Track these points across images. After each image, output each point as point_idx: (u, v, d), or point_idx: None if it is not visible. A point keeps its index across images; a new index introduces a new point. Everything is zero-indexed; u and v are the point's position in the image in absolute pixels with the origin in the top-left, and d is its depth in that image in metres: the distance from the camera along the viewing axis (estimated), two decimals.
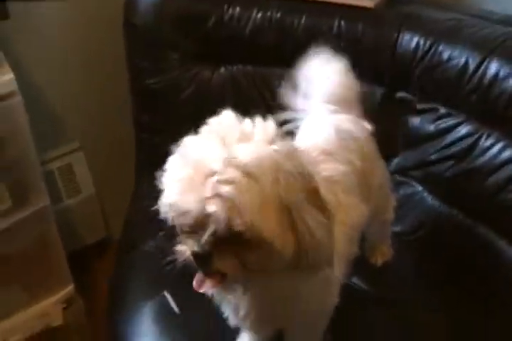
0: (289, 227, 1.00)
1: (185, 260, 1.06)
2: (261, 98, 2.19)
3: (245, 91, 2.19)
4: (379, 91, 2.03)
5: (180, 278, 1.69)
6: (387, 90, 2.02)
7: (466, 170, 1.85)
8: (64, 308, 2.07)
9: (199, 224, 0.99)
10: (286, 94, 1.61)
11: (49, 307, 2.05)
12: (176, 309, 1.66)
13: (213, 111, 2.14)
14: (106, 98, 2.52)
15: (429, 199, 1.95)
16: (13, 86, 1.77)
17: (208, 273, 1.07)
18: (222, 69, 2.20)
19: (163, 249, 1.78)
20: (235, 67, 2.20)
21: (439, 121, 1.91)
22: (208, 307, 1.60)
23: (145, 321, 1.67)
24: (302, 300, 1.22)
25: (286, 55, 2.06)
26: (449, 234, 1.89)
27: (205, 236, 0.99)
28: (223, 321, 1.54)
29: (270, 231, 0.97)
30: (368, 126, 1.61)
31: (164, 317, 1.67)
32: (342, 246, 1.27)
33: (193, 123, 2.15)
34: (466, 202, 1.86)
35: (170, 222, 1.05)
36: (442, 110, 1.91)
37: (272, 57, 2.14)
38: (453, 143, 1.88)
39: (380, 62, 2.00)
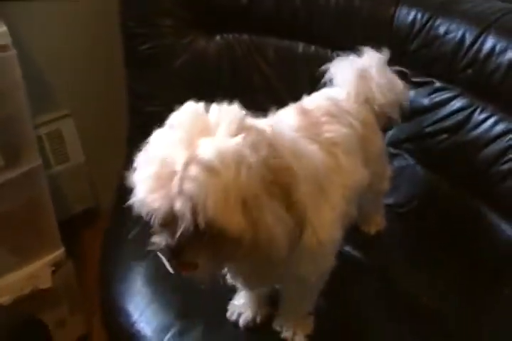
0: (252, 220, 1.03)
1: (160, 250, 1.10)
2: (256, 67, 2.22)
3: (240, 60, 2.22)
4: None
5: None
6: None
7: (459, 143, 1.88)
8: (53, 271, 2.08)
9: (168, 220, 1.03)
10: None
11: (38, 269, 2.05)
12: (169, 268, 1.68)
13: (208, 80, 2.19)
14: (98, 64, 2.53)
15: (422, 172, 1.99)
16: (7, 39, 1.77)
17: (181, 263, 1.12)
18: (218, 38, 2.23)
19: None
20: (230, 36, 2.23)
21: (434, 95, 1.94)
22: None
23: (137, 281, 1.70)
24: (291, 264, 1.25)
25: (282, 25, 2.15)
26: (440, 206, 1.93)
27: (177, 234, 1.03)
28: (216, 282, 1.60)
29: (234, 227, 1.01)
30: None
31: (156, 278, 1.70)
32: (339, 205, 1.32)
33: (187, 91, 2.20)
34: (458, 176, 1.90)
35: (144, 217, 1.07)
36: (437, 84, 1.94)
37: (268, 27, 2.18)
38: (447, 116, 1.91)
39: (377, 35, 2.03)
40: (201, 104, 1.12)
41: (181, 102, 2.18)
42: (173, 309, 1.62)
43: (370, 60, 1.71)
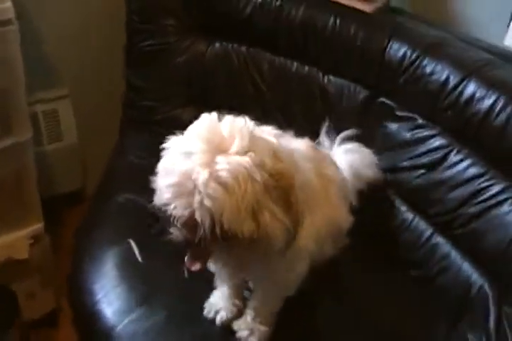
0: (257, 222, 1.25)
1: (178, 242, 1.30)
2: (250, 79, 2.35)
3: (236, 70, 2.36)
4: (363, 93, 2.21)
5: (146, 230, 1.88)
6: (371, 93, 2.20)
7: (434, 180, 2.00)
8: (31, 244, 2.17)
9: (188, 223, 1.24)
10: None
11: (16, 240, 2.15)
12: (138, 257, 1.81)
13: (202, 83, 2.32)
14: (102, 50, 2.66)
15: (397, 202, 2.11)
16: (10, 14, 1.85)
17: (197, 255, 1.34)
18: (217, 45, 2.38)
19: (135, 203, 1.97)
20: (229, 45, 2.37)
21: (416, 131, 2.07)
22: (170, 259, 1.78)
23: (107, 264, 1.81)
24: (272, 264, 1.45)
25: (279, 43, 2.29)
26: (409, 239, 2.06)
27: (197, 237, 1.24)
28: (183, 272, 1.74)
29: (245, 231, 1.23)
30: None
31: (126, 264, 1.81)
32: (319, 226, 1.54)
33: (183, 90, 2.33)
34: (429, 211, 2.02)
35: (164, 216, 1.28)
36: (420, 120, 2.07)
37: (266, 42, 2.32)
38: (425, 153, 2.03)
39: (368, 65, 2.17)
40: (215, 117, 1.33)
41: (174, 99, 2.34)
42: (136, 295, 1.72)
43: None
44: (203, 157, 1.22)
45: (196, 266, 1.37)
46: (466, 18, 2.35)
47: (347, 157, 2.01)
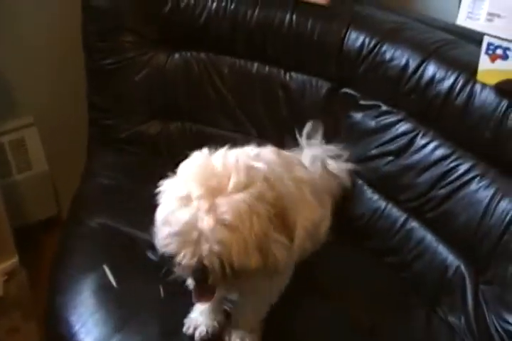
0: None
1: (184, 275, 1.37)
2: (212, 84, 2.35)
3: (197, 78, 2.36)
4: (326, 86, 2.21)
5: (120, 253, 1.88)
6: (333, 85, 2.20)
7: (402, 166, 2.00)
8: (6, 280, 2.15)
9: (196, 271, 1.29)
10: None
11: None
12: (113, 282, 1.79)
13: (164, 96, 2.32)
14: (64, 75, 2.64)
15: (369, 192, 2.11)
16: None
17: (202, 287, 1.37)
18: (177, 55, 2.37)
19: (107, 227, 1.97)
20: (188, 54, 2.37)
21: (381, 118, 2.07)
22: (145, 281, 1.79)
23: (83, 292, 1.79)
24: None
25: (238, 45, 2.28)
26: (384, 226, 2.05)
27: (209, 281, 1.30)
28: (158, 294, 1.75)
29: (253, 265, 1.29)
30: None
31: (102, 290, 1.79)
32: (301, 240, 1.53)
33: (144, 106, 2.34)
34: (400, 197, 2.01)
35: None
36: (384, 107, 2.07)
37: (225, 46, 2.32)
38: (392, 139, 2.03)
39: (328, 57, 2.17)
40: (206, 153, 1.40)
41: (137, 115, 2.34)
42: (114, 320, 1.69)
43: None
44: (203, 202, 1.25)
45: (205, 301, 1.45)
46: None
47: (313, 152, 2.03)
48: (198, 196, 1.26)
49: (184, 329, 1.63)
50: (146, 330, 1.67)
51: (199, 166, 1.35)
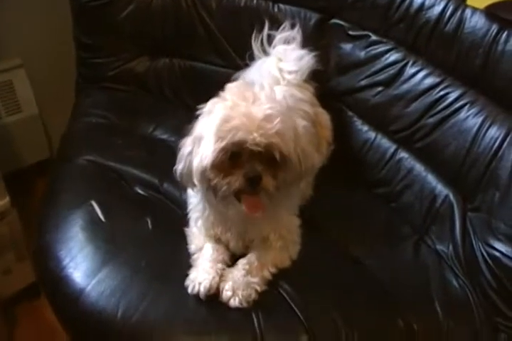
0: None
1: (233, 186, 1.46)
2: (200, 20, 2.34)
3: (185, 14, 2.34)
4: (315, 17, 2.20)
5: (108, 189, 1.89)
6: (322, 16, 2.19)
7: (391, 96, 2.01)
8: None
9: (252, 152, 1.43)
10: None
11: None
12: (101, 217, 1.81)
13: (152, 32, 2.31)
14: (51, 15, 2.63)
15: (359, 124, 2.13)
16: None
17: (254, 194, 1.49)
18: None
19: (95, 163, 1.99)
20: None
21: (370, 48, 2.07)
22: (133, 217, 1.81)
23: (72, 228, 1.80)
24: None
25: None
26: (370, 157, 2.09)
27: (259, 166, 1.45)
28: (147, 230, 1.77)
29: (293, 153, 1.47)
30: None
31: (90, 225, 1.80)
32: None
33: (132, 43, 2.33)
34: (390, 128, 2.03)
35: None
36: (373, 37, 2.07)
37: None
38: (381, 69, 2.04)
39: None
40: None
41: (125, 53, 2.34)
42: (102, 255, 1.72)
43: None
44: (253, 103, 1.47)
45: (257, 212, 1.50)
46: None
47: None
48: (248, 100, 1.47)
49: (189, 290, 1.58)
50: (132, 266, 1.69)
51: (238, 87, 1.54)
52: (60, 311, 1.75)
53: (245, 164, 1.46)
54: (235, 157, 1.45)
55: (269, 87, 1.60)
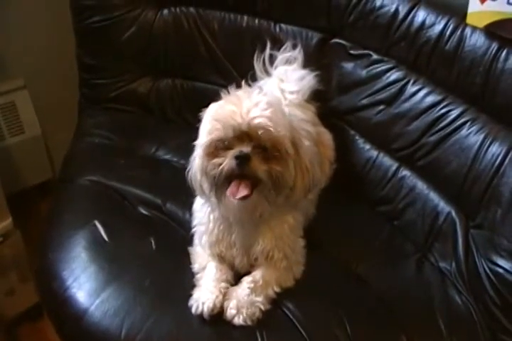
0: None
1: (223, 168, 1.50)
2: (202, 40, 2.37)
3: (187, 34, 2.37)
4: (316, 37, 2.22)
5: (111, 209, 1.91)
6: (324, 36, 2.21)
7: (393, 114, 2.03)
8: (0, 242, 2.19)
9: (240, 136, 1.50)
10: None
11: None
12: (105, 237, 1.83)
13: (154, 53, 2.35)
14: (53, 36, 2.66)
15: (361, 142, 2.14)
16: None
17: (243, 178, 1.51)
18: (166, 12, 2.39)
19: (98, 184, 2.01)
20: (177, 9, 2.38)
21: (371, 67, 2.09)
22: (136, 237, 1.83)
23: (75, 248, 1.82)
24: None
25: None
26: (373, 175, 2.10)
27: (247, 148, 1.49)
28: (150, 250, 1.80)
29: (287, 144, 1.52)
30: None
31: (94, 245, 1.82)
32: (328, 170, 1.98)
33: (134, 64, 2.36)
34: (392, 146, 2.04)
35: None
36: (374, 56, 2.09)
37: (214, 0, 2.34)
38: (383, 88, 2.06)
39: (318, 8, 2.18)
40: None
41: (127, 73, 2.37)
42: (105, 274, 1.73)
43: None
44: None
45: (240, 192, 1.50)
46: None
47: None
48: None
49: (193, 310, 1.59)
50: (136, 286, 1.70)
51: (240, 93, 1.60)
52: (63, 331, 1.76)
53: (236, 147, 1.50)
54: (227, 143, 1.51)
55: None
